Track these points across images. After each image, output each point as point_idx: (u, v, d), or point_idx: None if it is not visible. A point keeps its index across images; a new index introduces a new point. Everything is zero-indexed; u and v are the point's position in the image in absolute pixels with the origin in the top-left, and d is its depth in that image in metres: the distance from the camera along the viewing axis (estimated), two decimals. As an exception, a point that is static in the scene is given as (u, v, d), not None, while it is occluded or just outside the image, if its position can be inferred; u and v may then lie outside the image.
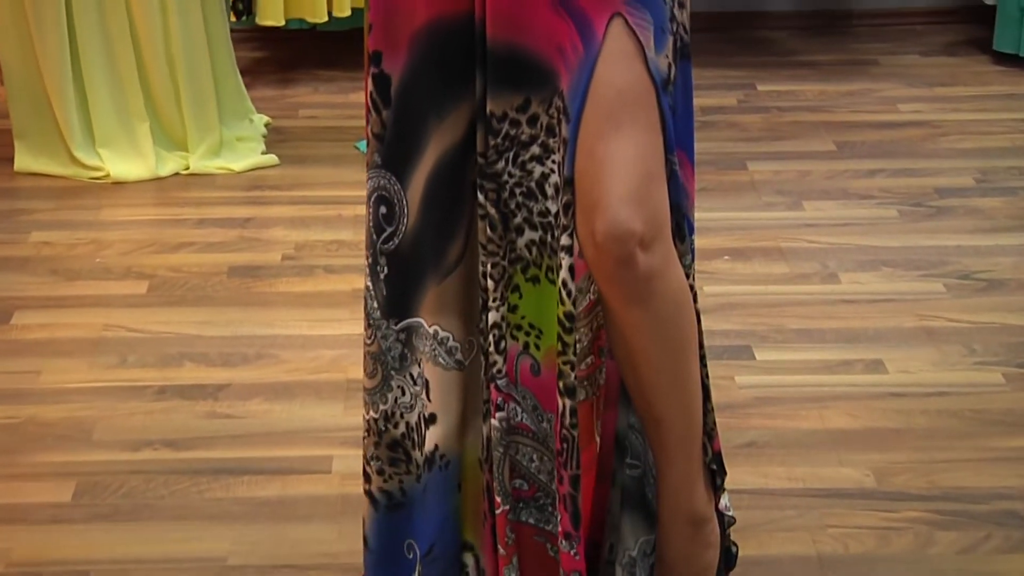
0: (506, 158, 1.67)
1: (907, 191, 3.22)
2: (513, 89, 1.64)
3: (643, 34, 1.59)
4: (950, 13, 4.30)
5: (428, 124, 1.69)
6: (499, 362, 1.71)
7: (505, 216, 1.69)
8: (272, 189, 3.28)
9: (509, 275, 1.71)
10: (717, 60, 4.06)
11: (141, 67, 3.27)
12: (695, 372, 1.72)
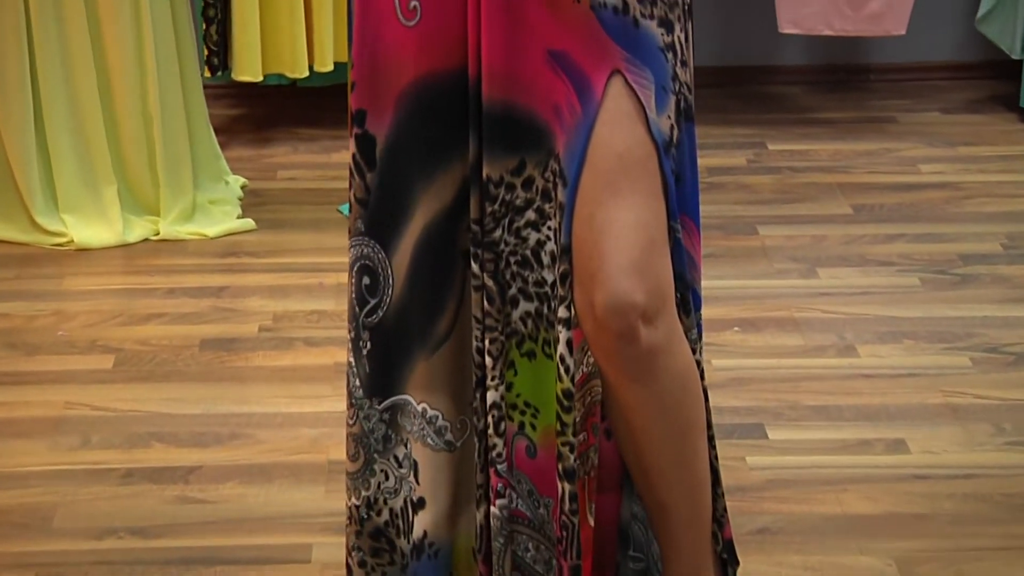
0: (502, 225, 1.68)
1: (929, 257, 3.23)
2: (508, 151, 1.65)
3: (643, 93, 1.61)
4: (973, 68, 4.34)
5: (415, 188, 1.70)
6: (499, 445, 1.71)
7: (501, 287, 1.69)
8: (248, 256, 3.29)
9: (505, 350, 1.71)
10: (725, 117, 4.09)
11: (112, 125, 3.28)
12: (703, 454, 1.71)
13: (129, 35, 3.21)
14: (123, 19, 3.19)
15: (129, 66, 3.23)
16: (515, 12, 1.60)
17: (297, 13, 3.68)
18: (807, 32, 3.91)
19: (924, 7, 4.04)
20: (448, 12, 1.64)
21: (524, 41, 1.62)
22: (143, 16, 3.21)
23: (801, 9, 3.83)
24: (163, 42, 3.26)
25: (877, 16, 3.83)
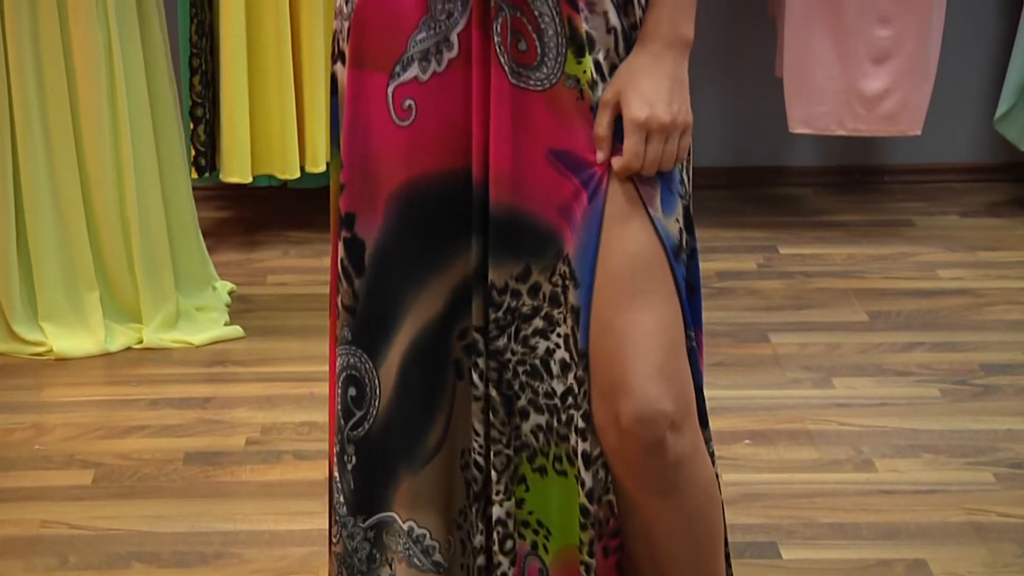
0: (508, 334, 1.68)
1: (949, 367, 3.23)
2: (513, 257, 1.66)
3: (646, 191, 1.62)
4: (992, 170, 4.36)
5: (406, 295, 1.70)
6: (504, 563, 1.69)
7: (508, 399, 1.69)
8: (236, 365, 3.28)
9: (515, 465, 1.70)
10: (735, 219, 4.10)
11: (93, 230, 3.29)
12: (722, 572, 1.70)
13: (107, 139, 3.24)
14: (101, 122, 3.21)
15: (106, 169, 3.25)
16: (519, 114, 1.62)
17: (288, 112, 3.71)
18: (819, 132, 3.94)
19: (940, 107, 4.07)
20: (445, 113, 1.65)
21: (527, 144, 1.63)
22: (120, 119, 3.23)
23: (813, 108, 3.86)
24: (141, 145, 3.28)
25: (892, 116, 3.86)
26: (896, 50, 3.82)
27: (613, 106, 1.63)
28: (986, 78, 4.28)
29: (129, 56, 3.23)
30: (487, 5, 1.63)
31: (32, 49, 3.16)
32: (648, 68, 1.64)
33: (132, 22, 3.24)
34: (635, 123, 1.61)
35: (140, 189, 3.30)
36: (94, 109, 3.20)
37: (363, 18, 1.66)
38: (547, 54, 1.62)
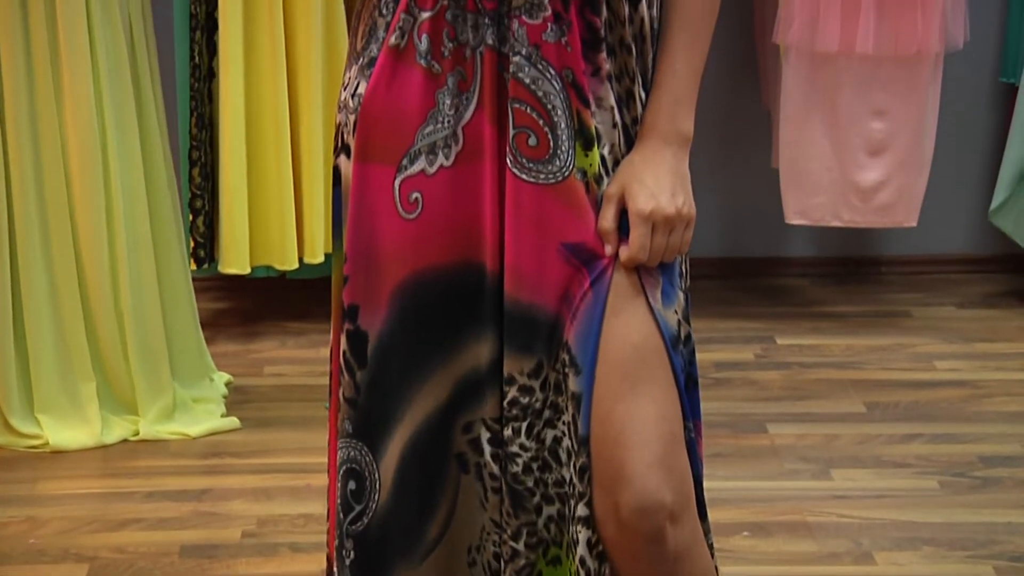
0: (519, 429, 1.68)
1: (948, 459, 3.23)
2: (526, 351, 1.67)
3: (649, 283, 1.64)
4: (988, 261, 4.39)
5: (408, 388, 1.71)
6: None
7: (519, 494, 1.69)
8: (232, 456, 3.28)
9: (531, 563, 1.70)
10: (732, 310, 4.12)
11: (89, 320, 3.30)
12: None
13: (102, 229, 3.24)
14: (97, 212, 3.22)
15: (101, 260, 3.25)
16: (532, 208, 1.65)
17: (287, 203, 3.73)
18: (815, 223, 3.96)
19: (935, 199, 4.10)
20: (452, 206, 1.68)
21: (541, 238, 1.66)
22: (115, 209, 3.24)
23: (808, 200, 3.89)
24: (136, 235, 3.29)
25: (887, 207, 3.89)
26: (891, 142, 3.85)
27: (618, 200, 1.66)
28: (981, 170, 4.32)
29: (125, 146, 3.25)
30: (496, 99, 1.65)
31: (30, 137, 3.18)
32: (650, 162, 1.67)
33: (129, 113, 3.26)
34: (640, 215, 1.64)
35: (135, 279, 3.29)
36: (90, 198, 3.21)
37: (370, 112, 1.69)
38: (559, 147, 1.65)
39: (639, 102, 1.70)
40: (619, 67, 1.69)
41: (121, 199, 3.25)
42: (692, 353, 1.73)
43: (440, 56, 1.66)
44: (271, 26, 3.64)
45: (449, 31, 1.66)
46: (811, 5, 3.71)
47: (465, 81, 1.66)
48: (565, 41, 1.64)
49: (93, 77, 3.18)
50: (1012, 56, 4.16)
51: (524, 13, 1.64)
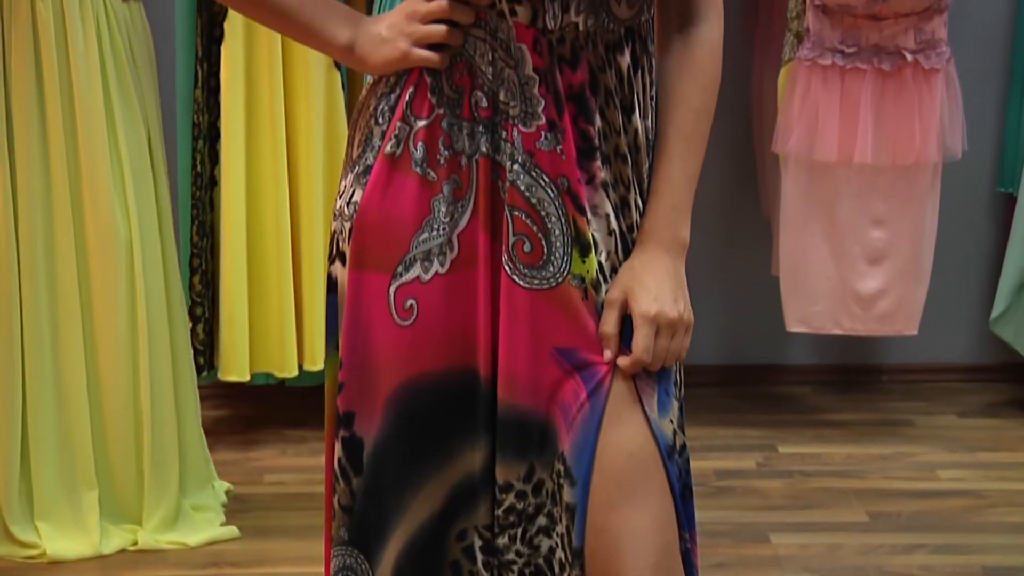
0: (513, 535, 1.68)
1: (952, 570, 3.20)
2: (519, 456, 1.67)
3: (646, 392, 1.64)
4: (989, 370, 4.38)
5: (403, 494, 1.70)
6: None
7: None
8: (231, 566, 3.25)
9: None
10: (732, 418, 4.10)
11: (99, 427, 3.27)
12: None
13: (124, 335, 3.23)
14: (118, 319, 3.22)
15: (121, 366, 3.24)
16: (525, 313, 1.65)
17: (287, 311, 3.74)
18: (816, 331, 3.96)
19: (936, 307, 4.11)
20: (447, 313, 1.68)
21: (534, 343, 1.66)
22: (139, 316, 3.23)
23: (809, 307, 3.90)
24: (158, 343, 3.28)
25: (887, 316, 3.89)
26: (890, 251, 3.86)
27: (620, 304, 1.67)
28: (981, 279, 4.33)
29: (148, 246, 3.25)
30: (491, 207, 1.67)
31: (44, 233, 3.19)
32: (651, 268, 1.68)
33: (151, 211, 3.26)
34: (645, 318, 1.65)
35: (155, 383, 3.27)
36: (112, 300, 3.21)
37: (365, 219, 1.70)
38: (553, 254, 1.66)
39: (635, 210, 1.71)
40: (614, 175, 1.70)
41: (144, 302, 3.24)
42: (687, 462, 1.72)
43: (436, 164, 1.68)
44: (273, 135, 3.67)
45: (445, 139, 1.68)
46: (809, 115, 3.74)
47: (460, 189, 1.68)
48: (560, 149, 1.66)
49: (115, 175, 3.19)
50: (1010, 166, 4.19)
51: (519, 122, 1.66)
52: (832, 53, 3.71)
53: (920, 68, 3.71)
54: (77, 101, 3.14)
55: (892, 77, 3.71)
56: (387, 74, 1.73)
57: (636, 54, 1.72)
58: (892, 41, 3.67)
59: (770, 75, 4.01)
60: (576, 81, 1.66)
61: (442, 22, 1.68)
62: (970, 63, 4.08)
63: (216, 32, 3.67)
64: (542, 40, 1.66)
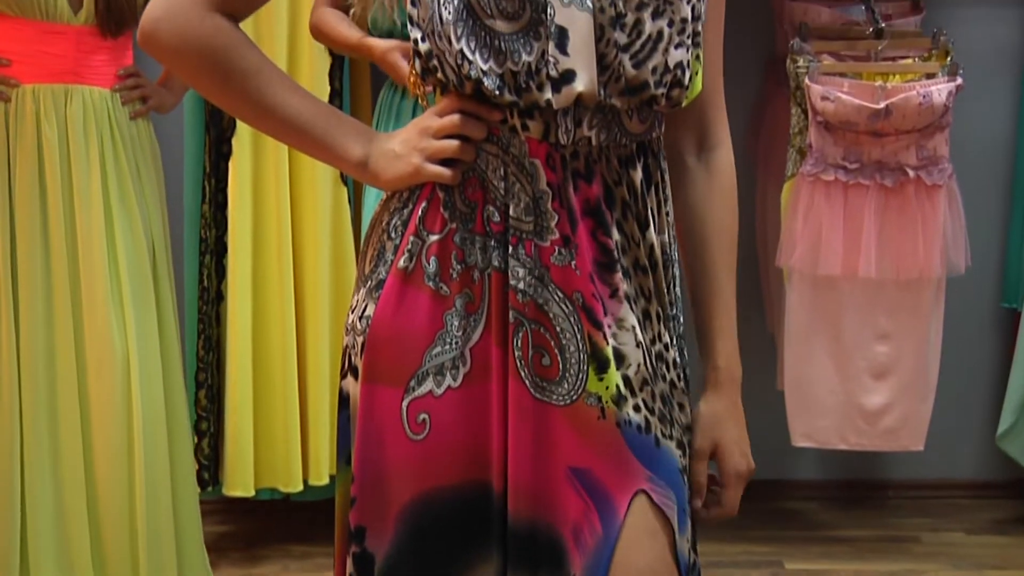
0: None
1: None
2: (531, 572, 1.66)
3: (669, 512, 1.64)
4: (996, 487, 4.36)
5: (416, 610, 1.69)
6: None
7: None
8: None
9: None
10: (739, 533, 4.08)
11: (96, 538, 3.25)
12: None
13: (120, 449, 3.23)
14: (115, 433, 3.22)
15: (117, 481, 3.23)
16: (540, 428, 1.65)
17: (292, 426, 3.73)
18: (822, 446, 3.95)
19: (942, 423, 4.10)
20: (460, 427, 1.68)
21: (547, 458, 1.66)
22: (135, 431, 3.23)
23: (815, 422, 3.89)
24: (154, 458, 3.27)
25: (893, 431, 3.88)
26: (895, 366, 3.86)
27: (709, 454, 1.76)
28: (986, 395, 4.32)
29: (146, 360, 3.25)
30: (503, 321, 1.67)
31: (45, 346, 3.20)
32: (733, 415, 1.78)
33: (151, 325, 3.27)
34: (739, 476, 1.77)
35: (150, 499, 3.26)
36: (108, 417, 3.21)
37: (378, 333, 1.70)
38: (568, 370, 1.66)
39: (657, 322, 1.72)
40: (635, 288, 1.71)
41: (141, 417, 3.23)
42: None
43: (448, 278, 1.68)
44: (279, 250, 3.69)
45: (457, 253, 1.68)
46: (813, 230, 3.76)
47: (473, 303, 1.68)
48: (574, 264, 1.66)
49: (113, 291, 3.21)
50: (1013, 282, 4.20)
51: (533, 235, 1.66)
52: (835, 169, 3.73)
53: (923, 184, 3.73)
54: (78, 220, 3.17)
55: (895, 193, 3.74)
56: (400, 189, 1.74)
57: (649, 169, 1.73)
58: (894, 157, 3.70)
59: (774, 190, 4.04)
60: (592, 195, 1.68)
61: (455, 137, 1.69)
62: (972, 179, 4.11)
63: (224, 148, 3.70)
64: (555, 155, 1.67)
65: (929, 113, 3.63)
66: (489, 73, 1.63)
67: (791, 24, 3.91)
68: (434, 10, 1.63)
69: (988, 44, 4.18)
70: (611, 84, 1.65)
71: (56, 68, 3.18)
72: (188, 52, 1.70)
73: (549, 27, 1.61)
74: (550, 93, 1.63)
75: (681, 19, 1.67)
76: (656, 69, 1.66)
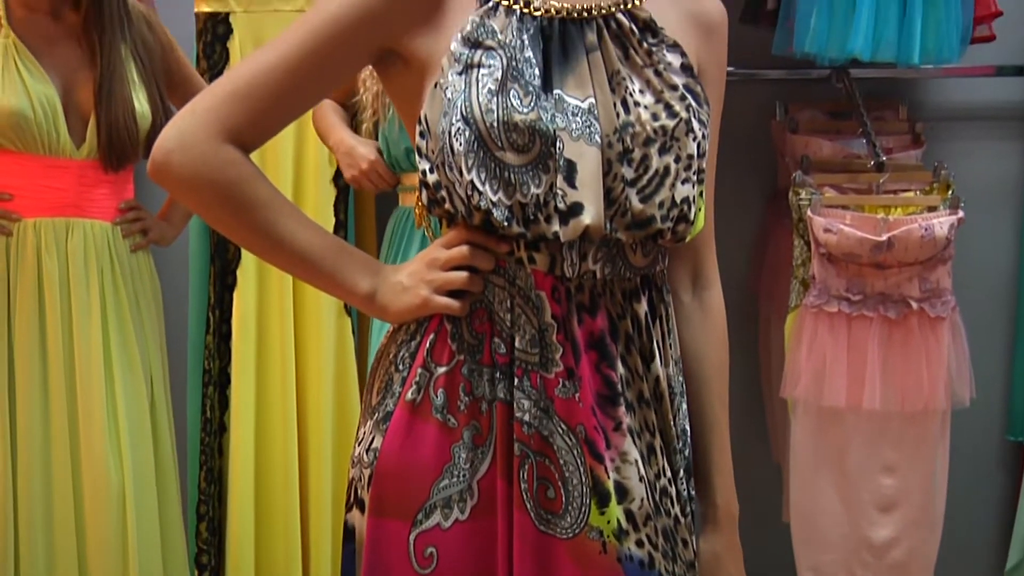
0: None
1: None
2: None
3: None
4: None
5: None
6: None
7: None
8: None
9: None
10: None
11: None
12: None
13: None
14: (111, 569, 3.19)
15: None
16: (544, 562, 1.64)
17: (293, 558, 3.71)
18: (828, 581, 3.92)
19: (949, 556, 4.07)
20: (467, 560, 1.67)
21: None
22: (130, 569, 3.21)
23: (820, 555, 3.86)
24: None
25: (900, 565, 3.85)
26: (902, 499, 3.84)
27: None
28: (994, 529, 4.30)
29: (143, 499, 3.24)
30: (510, 454, 1.67)
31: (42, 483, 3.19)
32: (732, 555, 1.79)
33: (148, 462, 3.26)
34: None
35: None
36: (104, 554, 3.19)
37: (386, 466, 1.70)
38: (571, 503, 1.66)
39: (660, 456, 1.72)
40: (640, 421, 1.71)
41: (137, 553, 3.22)
42: None
43: (456, 410, 1.69)
44: (283, 382, 3.69)
45: (465, 385, 1.69)
46: (817, 361, 3.76)
47: (480, 435, 1.68)
48: (577, 397, 1.66)
49: (110, 424, 3.20)
50: (1019, 414, 4.20)
51: (539, 367, 1.67)
52: (838, 300, 3.75)
53: (926, 316, 3.74)
54: (77, 353, 3.18)
55: (898, 325, 3.74)
56: (408, 322, 1.75)
57: (653, 302, 1.75)
58: (897, 289, 3.72)
59: (777, 321, 4.05)
60: (596, 328, 1.69)
61: (462, 269, 1.70)
62: (975, 312, 4.13)
63: (229, 280, 3.72)
64: (560, 288, 1.68)
65: (931, 246, 3.65)
66: (498, 204, 1.65)
67: (793, 157, 3.95)
68: (445, 142, 1.65)
69: (989, 177, 4.22)
70: (617, 218, 1.67)
71: (58, 202, 3.20)
72: (200, 184, 1.71)
73: (558, 160, 1.64)
74: (558, 225, 1.65)
75: (687, 155, 1.69)
76: (663, 204, 1.68)
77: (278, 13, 3.64)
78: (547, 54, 1.69)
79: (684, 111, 1.70)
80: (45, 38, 3.20)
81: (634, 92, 1.69)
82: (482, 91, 1.64)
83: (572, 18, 1.72)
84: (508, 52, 1.66)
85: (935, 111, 4.19)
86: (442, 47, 1.69)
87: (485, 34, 1.68)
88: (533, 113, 1.64)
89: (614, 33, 1.73)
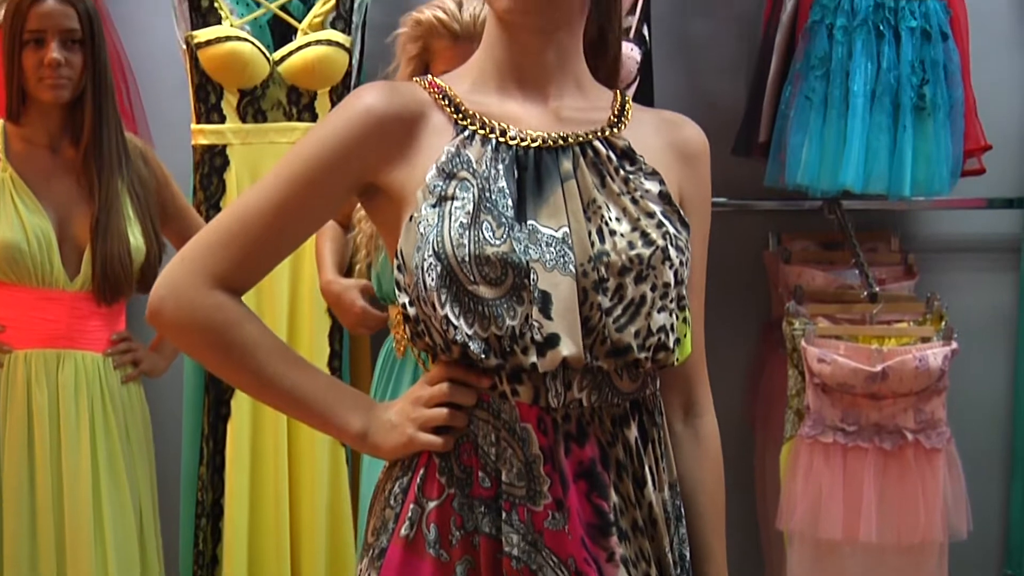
0: None
1: None
2: None
3: None
4: None
5: None
6: None
7: None
8: None
9: None
10: None
11: None
12: None
13: None
14: None
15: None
16: None
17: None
18: None
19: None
20: None
21: None
22: None
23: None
24: None
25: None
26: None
27: None
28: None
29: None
30: None
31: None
32: None
33: None
34: None
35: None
36: None
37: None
38: None
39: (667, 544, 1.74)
40: (635, 551, 1.71)
41: None
42: None
43: (448, 545, 1.69)
44: (276, 513, 3.68)
45: (456, 519, 1.69)
46: (813, 492, 3.75)
47: (474, 568, 1.68)
48: (567, 529, 1.66)
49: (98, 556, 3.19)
50: (1016, 547, 4.17)
51: (526, 501, 1.67)
52: (833, 431, 3.74)
53: (921, 447, 3.74)
54: (66, 484, 3.19)
55: (894, 456, 3.74)
56: (400, 458, 1.75)
57: (644, 427, 1.75)
58: (892, 420, 3.72)
59: (772, 451, 4.04)
60: (586, 457, 1.69)
61: (445, 405, 1.71)
62: (971, 443, 4.12)
63: (223, 410, 3.72)
64: (546, 418, 1.69)
65: (926, 377, 3.66)
66: (474, 337, 1.66)
67: (786, 288, 3.97)
68: (418, 277, 1.67)
69: (982, 308, 4.24)
70: (597, 347, 1.68)
71: (49, 333, 3.22)
72: (191, 329, 1.75)
73: (532, 292, 1.65)
74: (535, 357, 1.66)
75: (664, 283, 1.71)
76: (639, 333, 1.69)
77: (274, 145, 3.68)
78: (521, 183, 1.71)
79: (661, 238, 1.72)
80: (43, 172, 3.24)
81: (610, 220, 1.71)
82: (454, 224, 1.66)
83: (548, 146, 1.74)
84: (480, 183, 1.69)
85: (927, 242, 4.22)
86: (417, 179, 1.72)
87: (460, 164, 1.70)
88: (505, 245, 1.66)
89: (591, 161, 1.75)
